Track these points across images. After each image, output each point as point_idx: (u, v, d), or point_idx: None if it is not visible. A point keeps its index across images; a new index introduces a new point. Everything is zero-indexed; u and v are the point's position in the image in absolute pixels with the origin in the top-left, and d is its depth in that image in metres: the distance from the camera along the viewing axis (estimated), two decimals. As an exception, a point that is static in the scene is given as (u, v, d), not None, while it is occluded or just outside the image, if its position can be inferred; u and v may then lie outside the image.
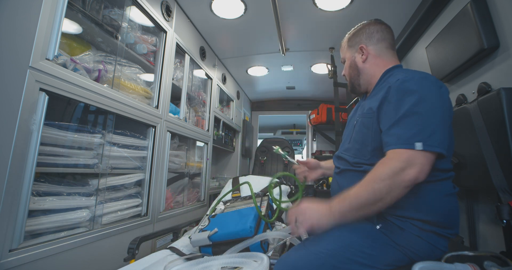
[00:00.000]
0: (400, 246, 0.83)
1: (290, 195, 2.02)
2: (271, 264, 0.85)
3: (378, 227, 0.87)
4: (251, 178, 2.09)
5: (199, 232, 1.18)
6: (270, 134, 6.34)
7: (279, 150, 1.34)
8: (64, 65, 1.11)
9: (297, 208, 0.87)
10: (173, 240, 1.52)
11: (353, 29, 1.15)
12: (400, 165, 0.77)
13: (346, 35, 1.17)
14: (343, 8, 1.94)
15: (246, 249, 1.07)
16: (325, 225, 0.82)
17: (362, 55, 1.07)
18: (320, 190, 3.74)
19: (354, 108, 1.21)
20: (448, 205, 0.87)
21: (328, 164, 1.30)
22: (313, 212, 0.83)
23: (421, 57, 1.89)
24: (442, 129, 0.81)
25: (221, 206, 1.50)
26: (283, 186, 1.96)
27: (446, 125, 0.84)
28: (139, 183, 1.62)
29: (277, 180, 2.07)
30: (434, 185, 0.85)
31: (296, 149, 5.31)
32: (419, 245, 0.83)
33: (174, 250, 1.23)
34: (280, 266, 0.85)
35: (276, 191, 1.90)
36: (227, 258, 0.91)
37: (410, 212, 0.85)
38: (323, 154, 3.96)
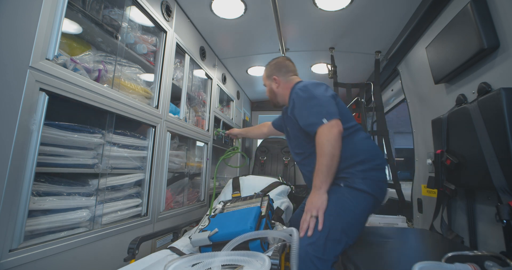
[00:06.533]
0: (359, 189, 1.20)
1: (290, 195, 2.03)
2: (272, 265, 0.85)
3: (342, 185, 1.23)
4: (251, 178, 2.09)
5: (199, 232, 1.18)
6: (270, 134, 6.32)
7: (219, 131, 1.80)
8: (64, 65, 1.11)
9: (305, 210, 1.18)
10: (173, 240, 1.52)
11: (268, 63, 1.67)
12: (327, 130, 1.18)
13: (265, 68, 1.66)
14: (343, 8, 1.94)
15: (246, 249, 1.07)
16: (323, 200, 1.16)
17: (275, 83, 1.57)
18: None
19: (281, 117, 1.76)
20: (367, 143, 1.32)
21: (244, 130, 2.24)
22: (313, 200, 1.17)
23: (421, 57, 1.89)
24: (330, 106, 1.25)
25: (221, 206, 1.50)
26: (283, 186, 1.97)
27: (332, 103, 1.27)
28: (139, 183, 1.61)
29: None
30: (352, 135, 1.30)
31: (296, 149, 5.30)
32: (368, 184, 1.21)
33: (174, 250, 1.23)
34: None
35: (276, 191, 1.90)
36: (228, 255, 0.91)
37: (349, 160, 1.23)
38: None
